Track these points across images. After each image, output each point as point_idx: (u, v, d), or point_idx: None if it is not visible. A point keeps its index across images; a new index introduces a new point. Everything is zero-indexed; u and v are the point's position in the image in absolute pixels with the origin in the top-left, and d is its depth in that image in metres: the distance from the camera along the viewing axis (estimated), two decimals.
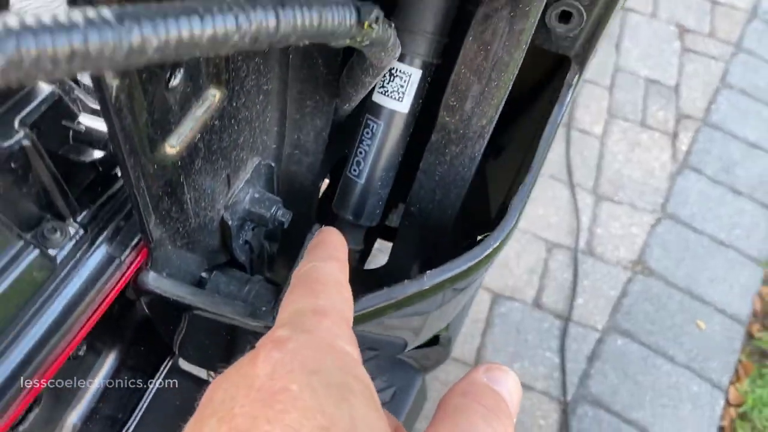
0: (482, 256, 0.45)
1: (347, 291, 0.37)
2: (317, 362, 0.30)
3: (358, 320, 0.43)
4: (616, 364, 1.88)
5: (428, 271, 0.43)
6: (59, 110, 0.37)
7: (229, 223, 0.47)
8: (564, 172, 2.21)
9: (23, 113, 0.36)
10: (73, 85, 0.39)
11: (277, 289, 0.52)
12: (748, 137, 2.38)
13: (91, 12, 0.22)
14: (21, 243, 0.36)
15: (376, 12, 0.34)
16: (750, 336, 1.97)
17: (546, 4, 0.47)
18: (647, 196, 2.21)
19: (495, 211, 0.68)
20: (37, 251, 0.36)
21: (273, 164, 0.51)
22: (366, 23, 0.33)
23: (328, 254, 0.40)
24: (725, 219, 2.18)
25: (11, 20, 0.20)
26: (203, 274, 0.51)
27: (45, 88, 0.37)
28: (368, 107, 0.50)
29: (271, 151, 0.51)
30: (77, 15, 0.21)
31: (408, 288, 0.43)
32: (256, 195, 0.49)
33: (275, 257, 0.59)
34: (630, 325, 1.95)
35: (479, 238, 0.46)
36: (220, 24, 0.25)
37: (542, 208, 2.14)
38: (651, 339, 1.92)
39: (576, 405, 1.79)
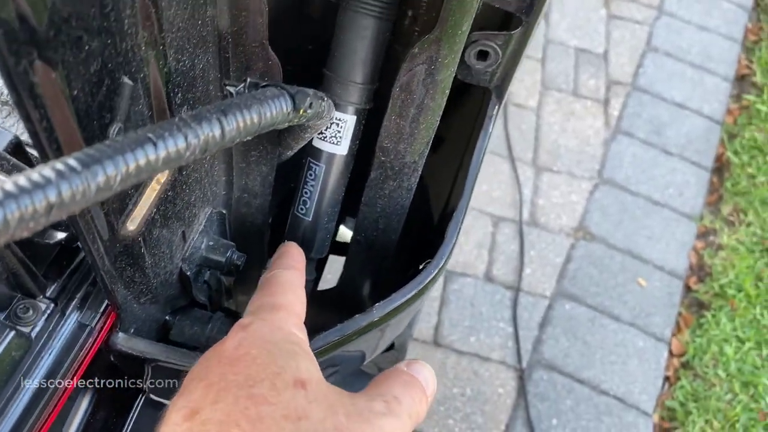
0: (425, 283, 0.49)
1: (301, 293, 0.47)
2: (272, 336, 0.40)
3: (319, 355, 0.48)
4: (565, 327, 1.97)
5: (377, 304, 0.48)
6: None
7: (188, 273, 0.50)
8: (503, 146, 2.28)
9: None
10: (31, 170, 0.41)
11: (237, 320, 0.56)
12: (675, 98, 2.49)
13: (59, 165, 0.25)
14: None
15: (310, 98, 0.38)
16: (688, 289, 2.09)
17: (465, 44, 0.51)
18: (584, 163, 2.30)
19: (437, 210, 0.72)
20: (12, 332, 0.39)
21: (224, 211, 0.54)
22: (301, 110, 0.37)
23: (288, 263, 0.50)
24: (659, 179, 2.29)
25: None
26: (168, 318, 0.55)
27: (5, 179, 0.39)
28: (309, 151, 0.54)
29: (221, 199, 0.54)
30: (48, 171, 0.25)
31: (360, 321, 0.47)
32: (211, 243, 0.53)
33: (232, 288, 0.63)
34: (576, 289, 2.04)
35: (420, 267, 0.51)
36: (172, 146, 0.29)
37: (485, 184, 2.20)
38: (597, 300, 2.03)
39: (531, 371, 1.89)
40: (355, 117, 0.52)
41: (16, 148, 0.43)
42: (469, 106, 0.65)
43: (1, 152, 0.41)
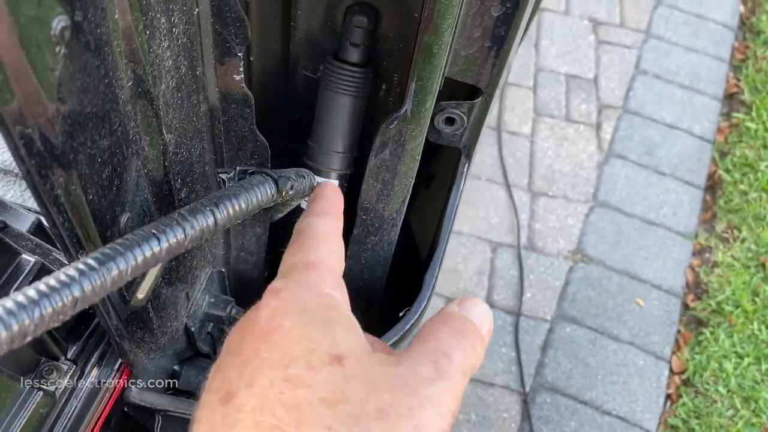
0: (405, 330, 0.55)
1: (336, 244, 0.45)
2: (305, 304, 0.38)
3: None
4: (567, 350, 2.01)
5: None
6: (43, 275, 0.45)
7: (192, 329, 0.56)
8: (499, 173, 2.34)
9: (16, 284, 0.44)
10: (51, 248, 0.47)
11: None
12: (665, 119, 2.55)
13: (81, 265, 0.31)
14: (27, 388, 0.44)
15: (291, 181, 0.44)
16: (686, 307, 2.13)
17: (434, 112, 0.57)
18: (579, 187, 2.35)
19: (425, 248, 0.78)
20: (40, 393, 0.45)
21: (223, 269, 0.60)
22: (284, 192, 0.43)
23: (322, 209, 0.48)
24: (653, 199, 2.34)
25: (30, 292, 0.29)
26: (176, 367, 0.60)
27: (30, 259, 0.45)
28: (299, 213, 0.60)
29: (221, 258, 0.60)
30: (72, 271, 0.30)
31: None
32: (212, 299, 0.58)
33: None
34: (576, 311, 2.09)
35: (401, 314, 0.56)
36: (173, 239, 0.34)
37: (482, 211, 2.26)
38: (596, 322, 2.07)
39: (535, 394, 1.92)
40: (337, 181, 0.58)
41: (38, 228, 0.49)
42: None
43: (25, 233, 0.47)
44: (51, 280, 0.30)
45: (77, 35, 0.29)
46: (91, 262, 0.31)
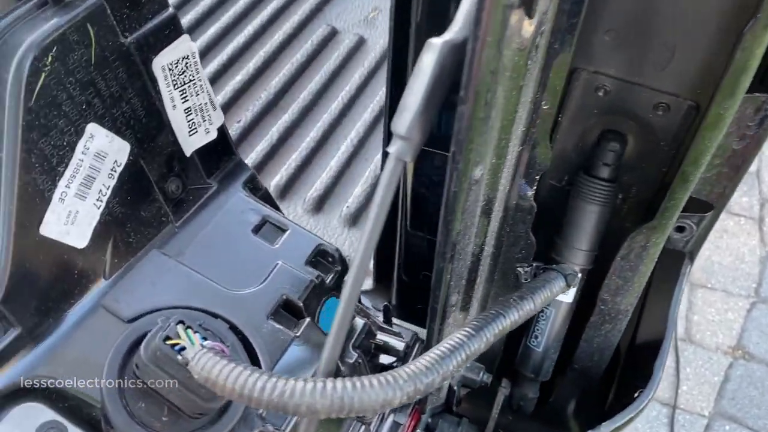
0: (639, 410, 0.64)
1: None
2: None
3: None
4: None
5: (602, 424, 0.63)
6: (371, 333, 0.60)
7: (454, 389, 0.68)
8: None
9: (353, 339, 0.58)
10: (368, 312, 0.62)
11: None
12: None
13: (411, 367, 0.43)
14: (353, 422, 0.58)
15: (571, 274, 0.56)
16: None
17: None
18: (740, 281, 2.31)
19: (625, 340, 0.86)
20: (362, 426, 0.58)
21: None
22: (571, 285, 0.55)
23: None
24: None
25: (411, 369, 0.41)
26: (430, 420, 0.73)
27: (361, 322, 0.60)
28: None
29: None
30: (403, 373, 0.42)
31: None
32: (468, 365, 0.71)
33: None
34: (736, 410, 2.03)
35: (635, 395, 0.66)
36: (509, 320, 0.47)
37: None
38: (759, 423, 1.99)
39: None
40: (580, 275, 0.69)
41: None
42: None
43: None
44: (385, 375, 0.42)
45: None
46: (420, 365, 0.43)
